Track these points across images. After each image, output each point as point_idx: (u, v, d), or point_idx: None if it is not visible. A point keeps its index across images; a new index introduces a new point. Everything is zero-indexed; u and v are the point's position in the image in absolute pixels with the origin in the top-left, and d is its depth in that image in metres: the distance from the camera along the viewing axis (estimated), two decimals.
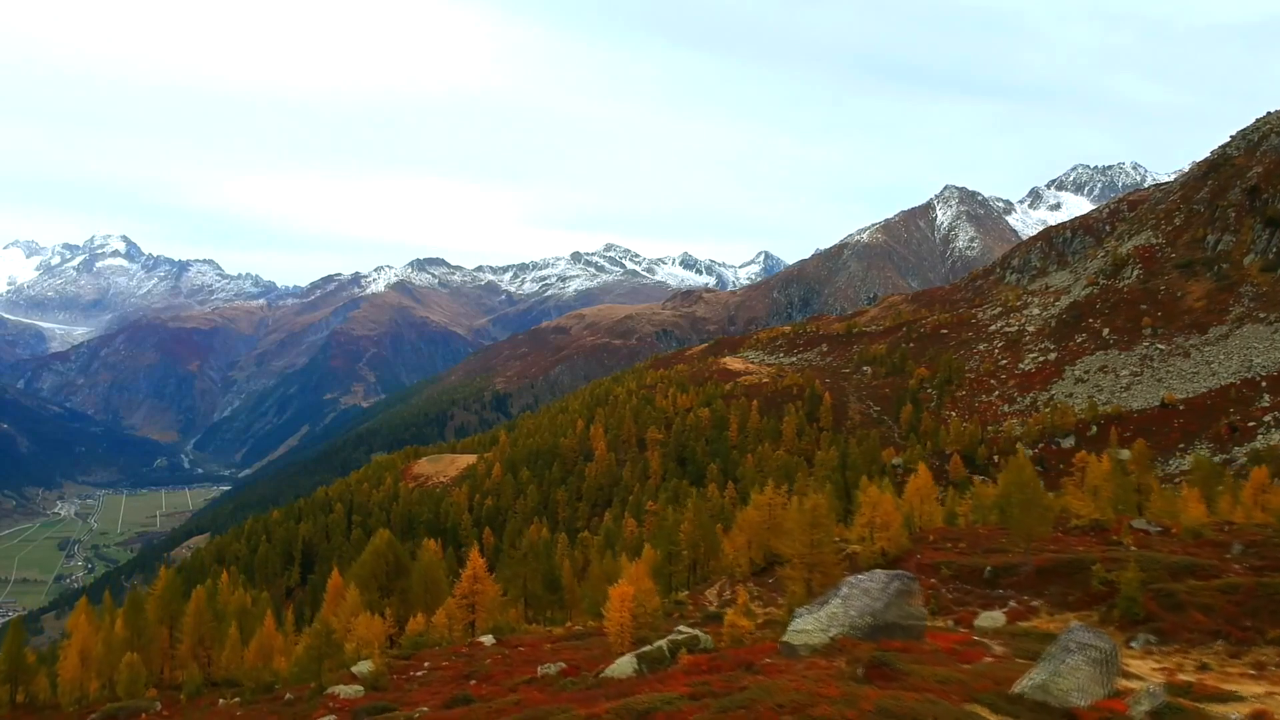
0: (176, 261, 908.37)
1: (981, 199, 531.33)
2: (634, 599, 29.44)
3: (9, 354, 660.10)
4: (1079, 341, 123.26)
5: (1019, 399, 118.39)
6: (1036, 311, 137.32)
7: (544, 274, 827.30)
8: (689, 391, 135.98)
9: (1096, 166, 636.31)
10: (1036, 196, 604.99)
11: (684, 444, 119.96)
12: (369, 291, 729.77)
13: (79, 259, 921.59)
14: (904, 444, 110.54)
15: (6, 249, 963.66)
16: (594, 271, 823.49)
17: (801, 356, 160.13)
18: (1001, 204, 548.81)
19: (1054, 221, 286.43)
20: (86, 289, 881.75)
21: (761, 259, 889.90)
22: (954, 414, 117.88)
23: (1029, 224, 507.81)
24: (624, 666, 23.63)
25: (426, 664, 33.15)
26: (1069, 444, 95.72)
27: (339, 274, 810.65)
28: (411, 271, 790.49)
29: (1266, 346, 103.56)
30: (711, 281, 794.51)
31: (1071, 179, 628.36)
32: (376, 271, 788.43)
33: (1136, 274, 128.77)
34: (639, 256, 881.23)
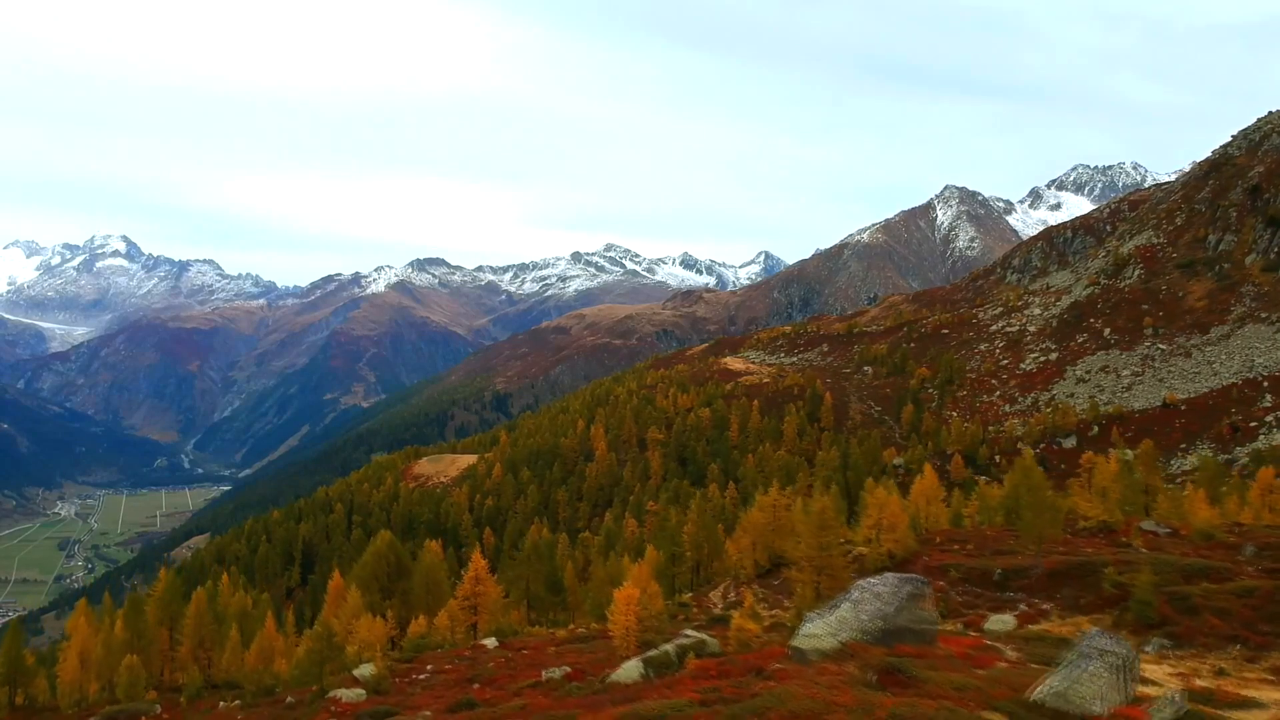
0: (176, 261, 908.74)
1: (982, 199, 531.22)
2: (639, 602, 29.12)
3: (9, 354, 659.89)
4: (1080, 341, 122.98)
5: (1020, 399, 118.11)
6: (1038, 311, 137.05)
7: (544, 274, 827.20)
8: (690, 391, 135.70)
9: (1097, 166, 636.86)
10: (1037, 196, 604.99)
11: (685, 444, 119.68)
12: (369, 291, 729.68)
13: (79, 259, 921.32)
14: (905, 444, 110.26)
15: (6, 249, 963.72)
16: (594, 271, 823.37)
17: (802, 356, 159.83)
18: (1002, 204, 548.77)
19: (1054, 221, 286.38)
20: (86, 289, 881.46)
21: (761, 259, 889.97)
22: (955, 414, 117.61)
23: (1029, 224, 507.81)
24: (630, 671, 23.29)
25: (429, 667, 32.82)
26: (1070, 444, 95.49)
27: (339, 274, 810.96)
28: (411, 271, 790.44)
29: (1268, 346, 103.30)
30: (712, 281, 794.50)
31: (1072, 179, 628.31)
32: (376, 271, 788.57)
33: (1138, 274, 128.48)
34: (639, 256, 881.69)
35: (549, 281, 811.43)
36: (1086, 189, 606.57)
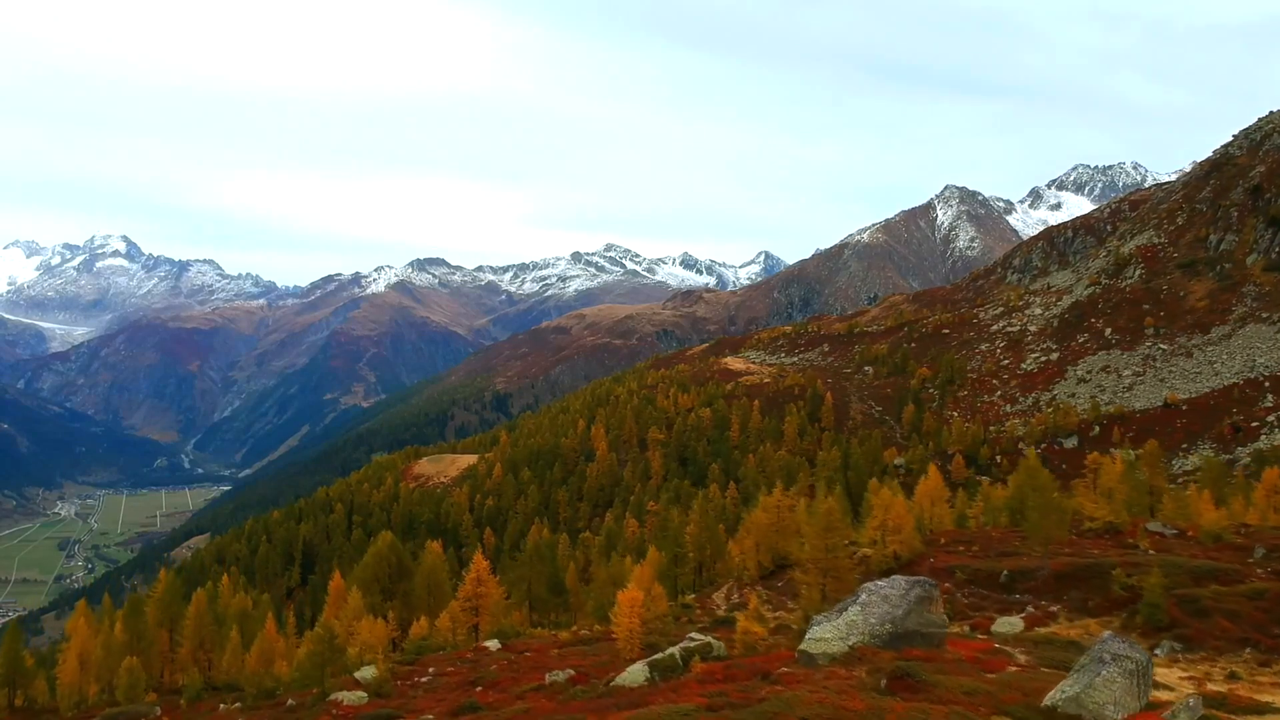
0: (176, 261, 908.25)
1: (982, 199, 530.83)
2: (642, 604, 28.89)
3: (9, 354, 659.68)
4: (1081, 341, 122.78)
5: (1021, 399, 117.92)
6: (1038, 311, 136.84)
7: (544, 274, 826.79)
8: (690, 391, 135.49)
9: (1097, 166, 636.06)
10: (1037, 196, 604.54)
11: (685, 444, 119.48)
12: (369, 291, 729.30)
13: (79, 259, 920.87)
14: (906, 444, 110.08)
15: (6, 249, 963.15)
16: (594, 271, 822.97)
17: (803, 356, 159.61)
18: (1002, 204, 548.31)
19: (1055, 221, 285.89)
20: (86, 289, 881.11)
21: (762, 259, 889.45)
22: (956, 414, 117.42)
23: (1029, 224, 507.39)
24: (635, 675, 23.05)
25: (431, 669, 32.58)
26: (1072, 444, 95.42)
27: (339, 274, 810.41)
28: (412, 271, 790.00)
29: (1269, 346, 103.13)
30: (712, 281, 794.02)
31: (1072, 179, 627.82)
32: (377, 271, 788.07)
33: (1139, 273, 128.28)
34: (639, 256, 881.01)
35: (549, 281, 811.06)
36: (1087, 189, 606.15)
